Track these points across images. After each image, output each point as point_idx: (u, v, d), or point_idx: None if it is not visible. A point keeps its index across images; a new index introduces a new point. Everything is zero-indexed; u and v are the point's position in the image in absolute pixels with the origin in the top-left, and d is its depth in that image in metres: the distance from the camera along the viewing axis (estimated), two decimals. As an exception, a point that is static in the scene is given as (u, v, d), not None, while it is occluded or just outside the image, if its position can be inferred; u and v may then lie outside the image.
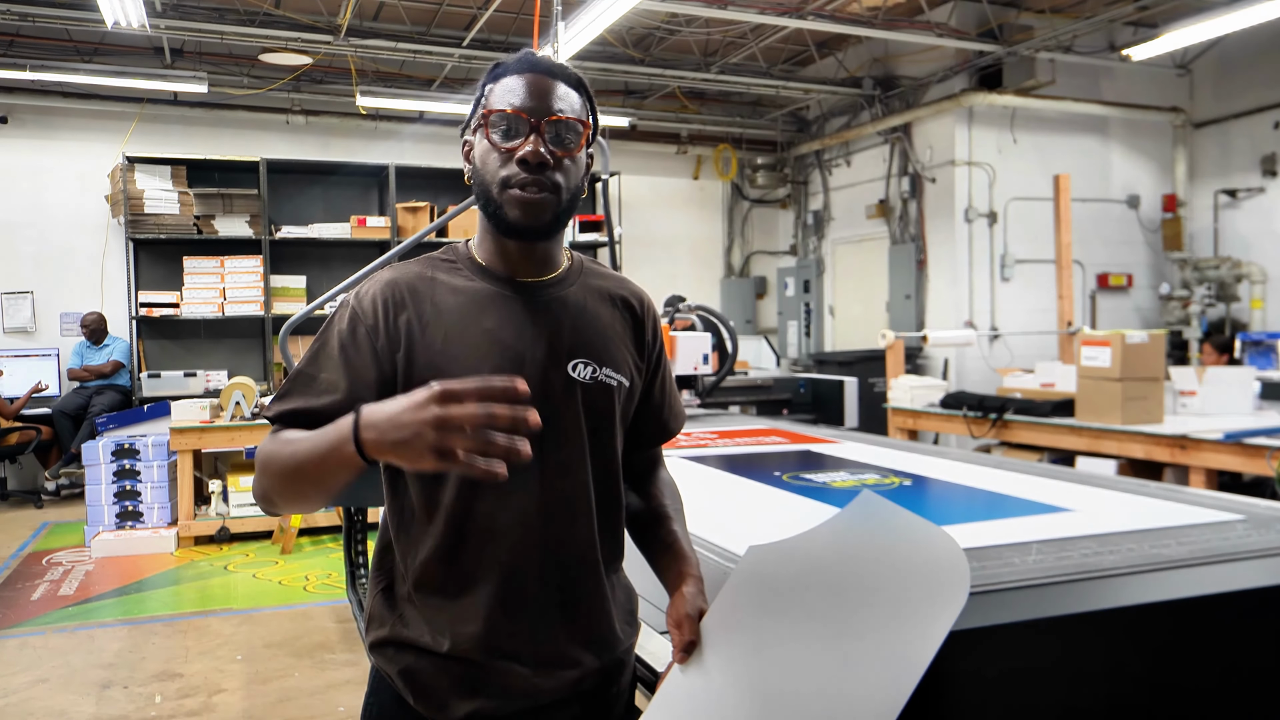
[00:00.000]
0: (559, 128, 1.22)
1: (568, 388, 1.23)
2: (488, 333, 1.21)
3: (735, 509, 2.08)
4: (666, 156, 10.06)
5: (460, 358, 1.19)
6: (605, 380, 1.26)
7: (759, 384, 4.65)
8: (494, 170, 1.21)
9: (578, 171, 1.25)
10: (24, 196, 7.94)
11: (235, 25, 7.00)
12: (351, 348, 1.20)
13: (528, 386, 1.13)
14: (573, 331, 1.26)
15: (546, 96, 1.22)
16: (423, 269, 1.26)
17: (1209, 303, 7.78)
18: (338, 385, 1.18)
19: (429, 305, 1.22)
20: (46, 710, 3.42)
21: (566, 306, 1.27)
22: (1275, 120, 7.66)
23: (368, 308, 1.21)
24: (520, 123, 1.20)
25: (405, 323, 1.20)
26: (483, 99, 1.26)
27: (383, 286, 1.23)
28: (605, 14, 5.67)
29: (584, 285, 1.31)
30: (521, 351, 1.21)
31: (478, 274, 1.26)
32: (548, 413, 1.19)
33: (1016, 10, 7.53)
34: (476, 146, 1.25)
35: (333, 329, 1.23)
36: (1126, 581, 1.41)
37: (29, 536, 6.26)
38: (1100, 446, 4.53)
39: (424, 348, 1.19)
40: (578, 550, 1.24)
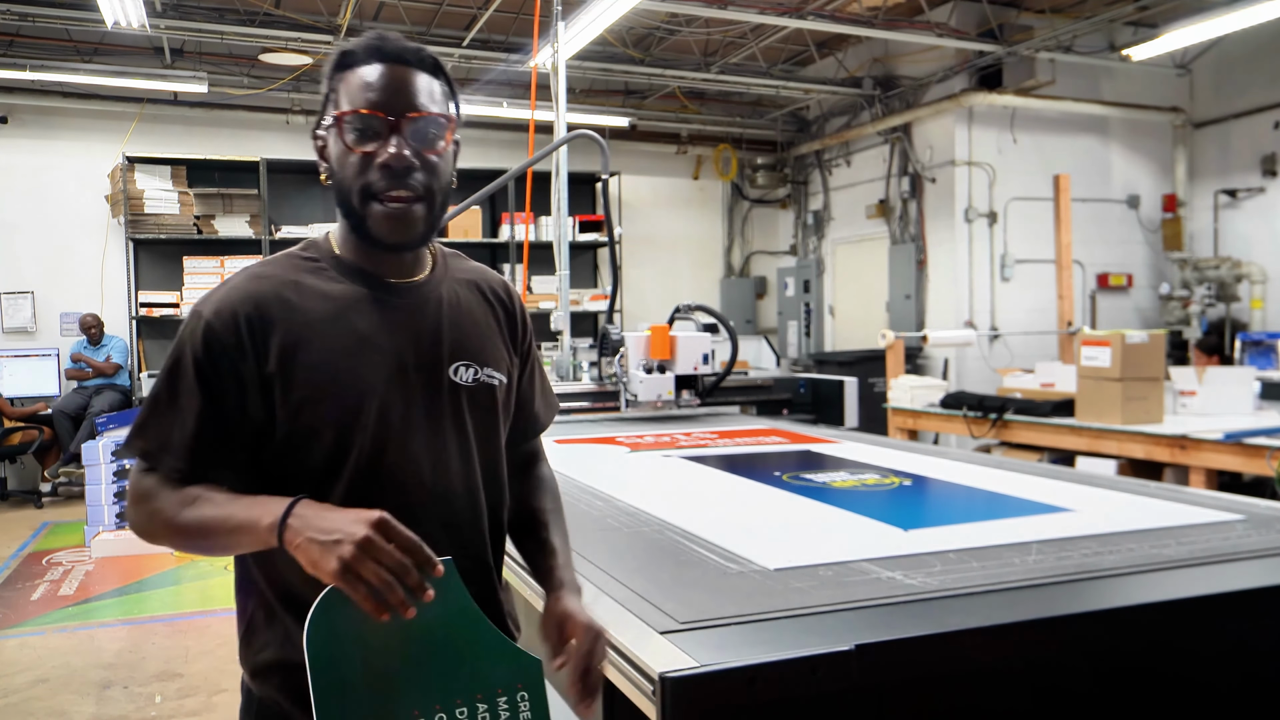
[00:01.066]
0: (420, 125, 1.12)
1: (452, 392, 1.20)
2: (365, 340, 1.15)
3: (735, 509, 2.08)
4: (666, 156, 10.06)
5: (340, 369, 1.13)
6: (487, 380, 1.23)
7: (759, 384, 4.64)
8: (352, 177, 1.13)
9: (445, 168, 1.17)
10: (24, 196, 7.94)
11: (235, 25, 7.00)
12: (209, 368, 1.11)
13: (413, 396, 1.17)
14: (451, 333, 1.21)
15: (404, 90, 1.12)
16: (284, 273, 1.17)
17: (1209, 303, 7.78)
18: (197, 410, 1.10)
19: (299, 315, 1.13)
20: (46, 710, 3.42)
21: (442, 306, 1.21)
22: (1275, 120, 7.65)
23: (228, 323, 1.11)
24: (377, 123, 1.11)
25: (275, 338, 1.12)
26: (333, 95, 1.15)
27: (242, 299, 1.13)
28: (605, 14, 5.67)
29: (452, 280, 1.26)
30: (403, 358, 1.16)
31: (346, 275, 1.18)
32: (434, 418, 1.18)
33: (1016, 10, 7.53)
34: (331, 146, 1.15)
35: (185, 348, 1.13)
36: (1126, 581, 1.41)
37: (29, 536, 6.26)
38: (1100, 446, 4.53)
39: (301, 364, 1.12)
40: (471, 555, 1.21)
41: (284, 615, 1.15)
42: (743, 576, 1.49)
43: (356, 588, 0.91)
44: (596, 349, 4.09)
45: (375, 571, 0.91)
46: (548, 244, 5.68)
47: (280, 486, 1.12)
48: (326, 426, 1.13)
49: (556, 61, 4.88)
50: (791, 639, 1.17)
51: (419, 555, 0.94)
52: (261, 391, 1.12)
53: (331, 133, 1.15)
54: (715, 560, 1.59)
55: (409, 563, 0.93)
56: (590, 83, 8.82)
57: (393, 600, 0.92)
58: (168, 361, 1.14)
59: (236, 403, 1.11)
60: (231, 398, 1.11)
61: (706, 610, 1.30)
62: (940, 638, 1.20)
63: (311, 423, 1.12)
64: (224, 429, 1.11)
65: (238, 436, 1.13)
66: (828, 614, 1.28)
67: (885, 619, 1.25)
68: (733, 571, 1.52)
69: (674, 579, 1.49)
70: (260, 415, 1.12)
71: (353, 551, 0.91)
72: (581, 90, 8.91)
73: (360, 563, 0.91)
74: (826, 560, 1.55)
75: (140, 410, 1.14)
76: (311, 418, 1.12)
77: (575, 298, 8.66)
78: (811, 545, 1.68)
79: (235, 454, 1.14)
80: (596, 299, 9.08)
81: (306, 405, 1.12)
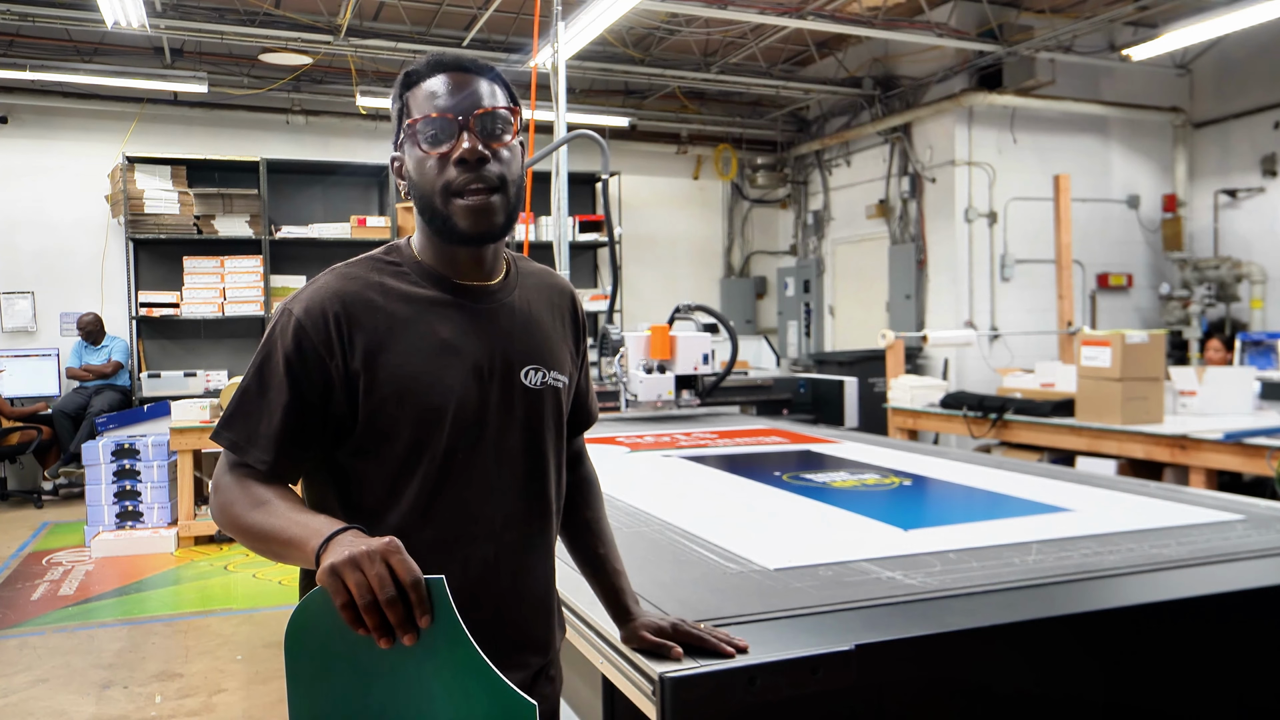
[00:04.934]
0: (486, 120, 1.19)
1: (522, 396, 1.25)
2: (445, 344, 1.20)
3: (735, 509, 2.08)
4: (666, 156, 10.06)
5: (421, 371, 1.18)
6: (553, 383, 1.29)
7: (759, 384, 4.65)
8: (432, 179, 1.19)
9: (515, 160, 1.23)
10: (24, 196, 7.93)
11: (235, 25, 7.00)
12: (298, 364, 1.16)
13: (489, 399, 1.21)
14: (523, 339, 1.26)
15: (468, 92, 1.20)
16: (367, 274, 1.22)
17: (1209, 303, 7.78)
18: (284, 404, 1.15)
19: (383, 316, 1.19)
20: (46, 710, 3.42)
21: (515, 313, 1.27)
22: (1275, 120, 7.65)
23: (317, 322, 1.17)
24: (447, 124, 1.18)
25: (361, 337, 1.17)
26: (404, 111, 1.23)
27: (330, 298, 1.19)
28: (605, 14, 5.67)
29: (524, 286, 1.31)
30: (480, 363, 1.21)
31: (426, 279, 1.24)
32: (506, 420, 1.23)
33: (1016, 10, 7.53)
34: (409, 159, 1.22)
35: (276, 343, 1.18)
36: (1126, 581, 1.41)
37: (29, 536, 6.26)
38: (1100, 446, 4.53)
39: (384, 364, 1.17)
40: (537, 556, 1.27)
41: None
42: (743, 576, 1.49)
43: (338, 593, 0.92)
44: (596, 349, 4.09)
45: (358, 581, 0.91)
46: (548, 244, 5.68)
47: (357, 481, 1.19)
48: (405, 426, 1.17)
49: (556, 61, 4.88)
50: (791, 639, 1.17)
51: (412, 591, 0.92)
52: (346, 389, 1.16)
53: (406, 145, 1.21)
54: (715, 560, 1.59)
55: (393, 589, 0.91)
56: (590, 83, 8.82)
57: (367, 619, 0.91)
58: (258, 356, 1.18)
59: (322, 399, 1.16)
60: (318, 394, 1.16)
61: (706, 610, 1.30)
62: (940, 638, 1.20)
63: (391, 421, 1.17)
64: (309, 424, 1.16)
65: (322, 432, 1.17)
66: (828, 614, 1.28)
67: (885, 619, 1.26)
68: (733, 571, 1.52)
69: (674, 579, 1.49)
70: (343, 411, 1.17)
71: (345, 559, 0.92)
72: (581, 90, 8.92)
73: (347, 568, 0.92)
74: (826, 560, 1.55)
75: (230, 402, 1.18)
76: (392, 416, 1.17)
77: (575, 298, 8.64)
78: (811, 545, 1.68)
79: (318, 449, 1.19)
80: (596, 299, 9.08)
81: (388, 404, 1.16)
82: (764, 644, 1.15)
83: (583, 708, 1.64)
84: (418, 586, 0.92)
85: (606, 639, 1.28)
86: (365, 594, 0.91)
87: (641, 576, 1.44)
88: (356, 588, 0.91)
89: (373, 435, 1.18)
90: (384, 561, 0.92)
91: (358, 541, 0.95)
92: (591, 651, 1.33)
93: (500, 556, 1.22)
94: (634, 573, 1.38)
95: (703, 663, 1.10)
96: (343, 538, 0.98)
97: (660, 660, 1.17)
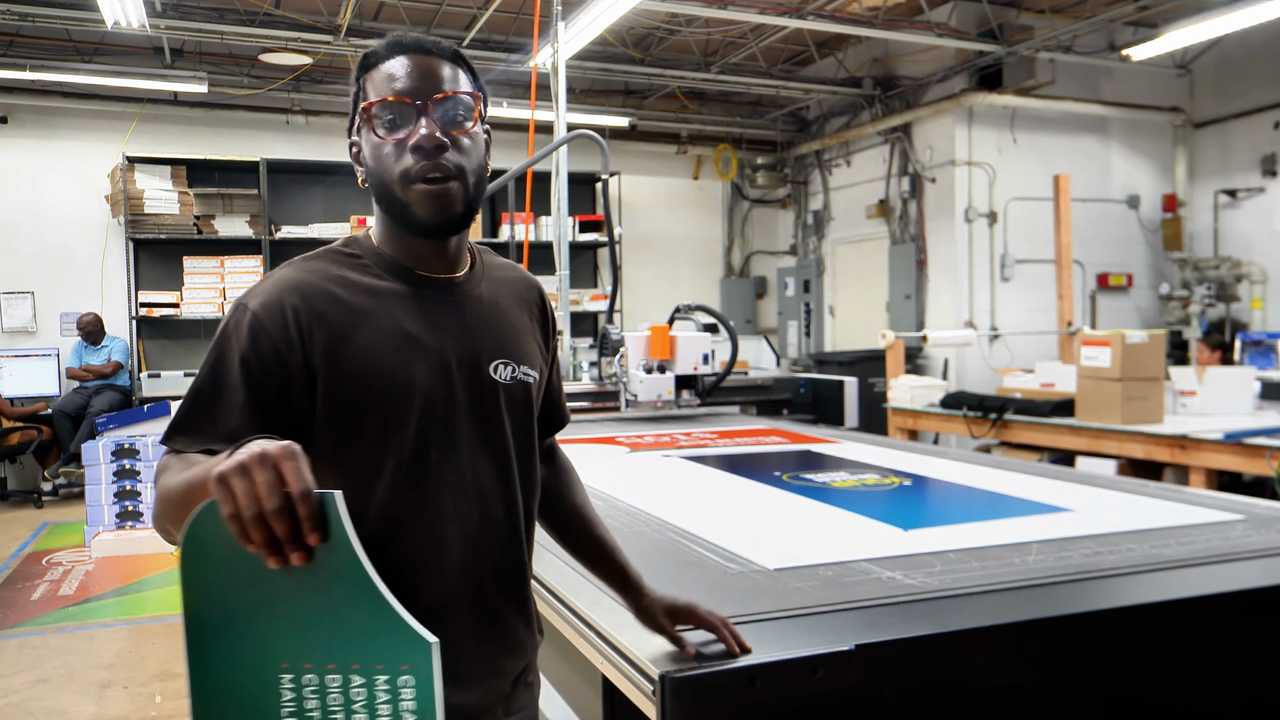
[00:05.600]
0: (447, 105, 1.14)
1: (491, 390, 1.21)
2: (410, 337, 1.15)
3: (735, 509, 2.08)
4: (666, 156, 10.06)
5: (385, 366, 1.13)
6: (523, 378, 1.24)
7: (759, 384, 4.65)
8: (389, 166, 1.13)
9: (477, 150, 1.17)
10: (24, 196, 7.94)
11: (235, 25, 7.00)
12: (255, 361, 1.09)
13: (455, 394, 1.16)
14: (491, 332, 1.22)
15: (427, 75, 1.14)
16: (326, 267, 1.17)
17: (1209, 303, 7.78)
18: (241, 404, 1.08)
19: (344, 309, 1.13)
20: (46, 710, 3.42)
21: (483, 305, 1.23)
22: (1275, 120, 7.65)
23: (275, 316, 1.10)
24: (405, 109, 1.13)
25: (321, 331, 1.11)
26: (361, 94, 1.17)
27: (288, 290, 1.13)
28: (605, 14, 5.67)
29: (490, 279, 1.27)
30: (447, 356, 1.17)
31: (388, 271, 1.19)
32: (475, 415, 1.19)
33: (1016, 10, 7.53)
34: (365, 145, 1.17)
35: (230, 340, 1.11)
36: (1126, 581, 1.41)
37: (29, 536, 6.26)
38: (1100, 446, 4.53)
39: (346, 357, 1.11)
40: (511, 556, 1.23)
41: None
42: (743, 576, 1.49)
43: (226, 501, 0.82)
44: (596, 349, 4.09)
45: (245, 489, 0.81)
46: (548, 244, 5.68)
47: (323, 485, 1.12)
48: (370, 423, 1.13)
49: (556, 61, 4.88)
50: (791, 639, 1.17)
51: (301, 503, 0.83)
52: (306, 385, 1.11)
53: (363, 131, 1.17)
54: (715, 560, 1.59)
55: (278, 500, 0.82)
56: (590, 83, 8.82)
57: (251, 533, 0.82)
58: (211, 354, 1.12)
59: (281, 397, 1.10)
60: (276, 392, 1.10)
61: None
62: (940, 638, 1.20)
63: (354, 419, 1.12)
64: (267, 425, 1.09)
65: (282, 433, 1.09)
66: (828, 614, 1.28)
67: (885, 619, 1.26)
68: (733, 571, 1.52)
69: (674, 579, 1.49)
70: (304, 409, 1.11)
71: (234, 463, 0.82)
72: (581, 90, 8.91)
73: (235, 474, 0.82)
74: (826, 560, 1.55)
75: (182, 404, 1.11)
76: (355, 413, 1.12)
77: (575, 298, 8.66)
78: (811, 545, 1.68)
79: None
80: (596, 299, 9.08)
81: (350, 400, 1.12)
82: (764, 644, 1.15)
83: (583, 708, 1.64)
84: (307, 498, 0.83)
85: (606, 639, 1.28)
86: (251, 504, 0.81)
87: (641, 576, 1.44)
88: (243, 496, 0.81)
89: (336, 434, 1.12)
90: (274, 468, 0.82)
91: (259, 443, 0.85)
92: (591, 651, 1.33)
93: (475, 559, 1.18)
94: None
95: (703, 663, 1.10)
96: (246, 445, 0.87)
97: (673, 646, 1.17)
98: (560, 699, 1.71)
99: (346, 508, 0.86)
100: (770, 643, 1.16)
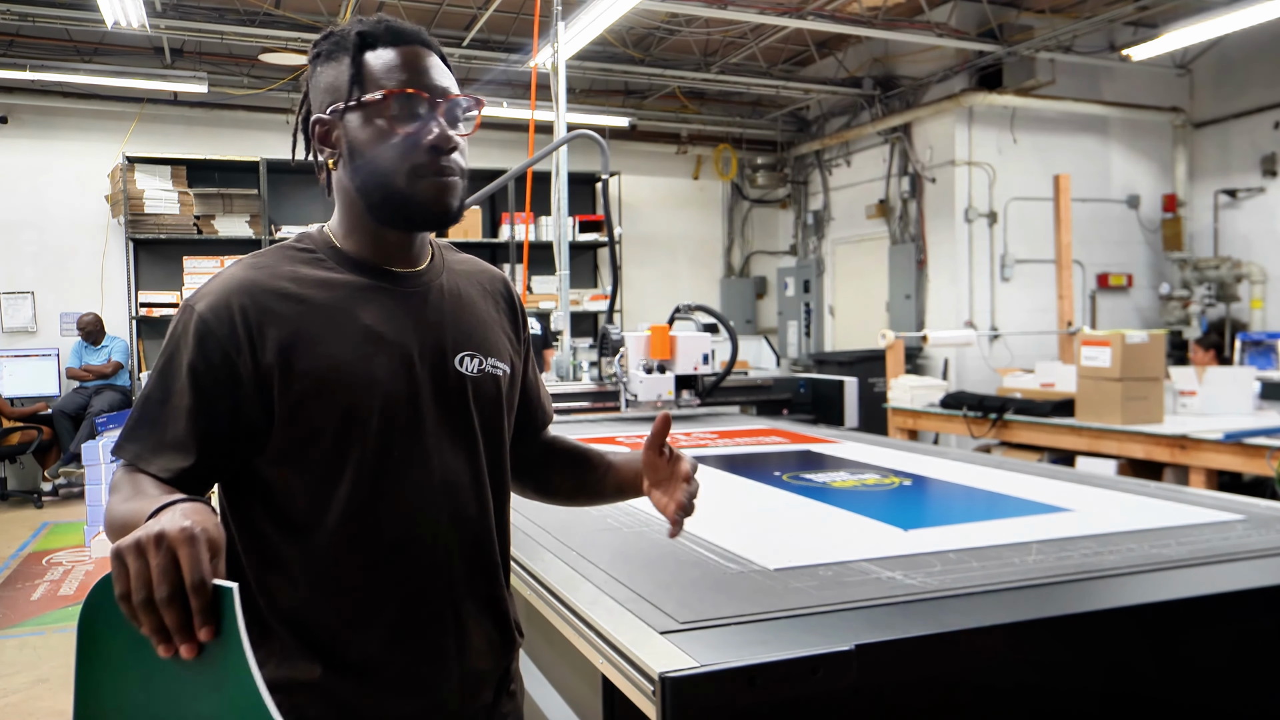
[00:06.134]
0: (456, 106, 1.14)
1: (458, 384, 1.17)
2: (369, 331, 1.11)
3: (735, 509, 2.08)
4: (666, 156, 10.06)
5: (343, 363, 1.09)
6: (492, 371, 1.21)
7: (759, 384, 4.64)
8: (394, 159, 1.10)
9: (466, 153, 1.18)
10: (24, 196, 7.94)
11: (235, 25, 7.00)
12: (202, 366, 1.05)
13: (419, 388, 1.13)
14: (455, 323, 1.19)
15: (441, 74, 1.13)
16: (278, 263, 1.13)
17: (1209, 303, 7.78)
18: (188, 410, 1.05)
19: (298, 305, 1.09)
20: (46, 710, 3.42)
21: (445, 296, 1.19)
22: (1275, 120, 7.65)
23: (221, 316, 1.06)
24: (421, 104, 1.10)
25: (273, 329, 1.07)
26: (359, 77, 1.11)
27: (236, 289, 1.08)
28: (605, 14, 5.67)
29: (451, 271, 1.24)
30: (409, 351, 1.13)
31: (345, 265, 1.15)
32: (441, 411, 1.15)
33: (1016, 10, 7.53)
34: (355, 130, 1.11)
35: (178, 344, 1.07)
36: (1126, 581, 1.41)
37: (29, 536, 6.26)
38: (1100, 446, 4.53)
39: (301, 355, 1.07)
40: (483, 555, 1.19)
41: (280, 630, 1.10)
42: (743, 576, 1.49)
43: (118, 579, 0.78)
44: (596, 349, 4.09)
45: (138, 571, 0.78)
46: (548, 244, 5.68)
47: (284, 491, 1.10)
48: (328, 424, 1.08)
49: (556, 61, 4.88)
50: (791, 639, 1.17)
51: (193, 594, 0.78)
52: (258, 387, 1.07)
53: (356, 115, 1.11)
54: (715, 560, 1.59)
55: (169, 588, 0.77)
56: (590, 83, 8.82)
57: (141, 619, 0.78)
58: (159, 359, 1.09)
59: (232, 401, 1.06)
60: (226, 396, 1.06)
61: (706, 610, 1.30)
62: (940, 638, 1.20)
63: (312, 419, 1.08)
64: (218, 430, 1.06)
65: (233, 439, 1.08)
66: (828, 614, 1.28)
67: (885, 619, 1.25)
68: (733, 571, 1.52)
69: (674, 579, 1.49)
70: (257, 412, 1.07)
71: (131, 541, 0.79)
72: (581, 90, 8.91)
73: (130, 552, 0.78)
74: (826, 560, 1.55)
75: (131, 413, 1.08)
76: (312, 414, 1.08)
77: (575, 298, 8.66)
78: (811, 545, 1.68)
79: (232, 457, 1.09)
80: (596, 299, 9.08)
81: (307, 400, 1.07)
82: (764, 644, 1.15)
83: (583, 708, 1.63)
84: (201, 590, 0.78)
85: (606, 639, 1.28)
86: (141, 588, 0.77)
87: (642, 576, 1.44)
88: (135, 578, 0.78)
89: (293, 437, 1.08)
90: (170, 552, 0.78)
91: (163, 521, 0.81)
92: (591, 652, 1.33)
93: (446, 565, 1.14)
94: (634, 573, 1.38)
95: (703, 662, 1.10)
96: (163, 513, 0.84)
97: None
98: (560, 699, 1.71)
99: (241, 603, 0.81)
100: (770, 643, 1.16)
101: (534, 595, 1.55)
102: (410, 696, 1.13)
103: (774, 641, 1.16)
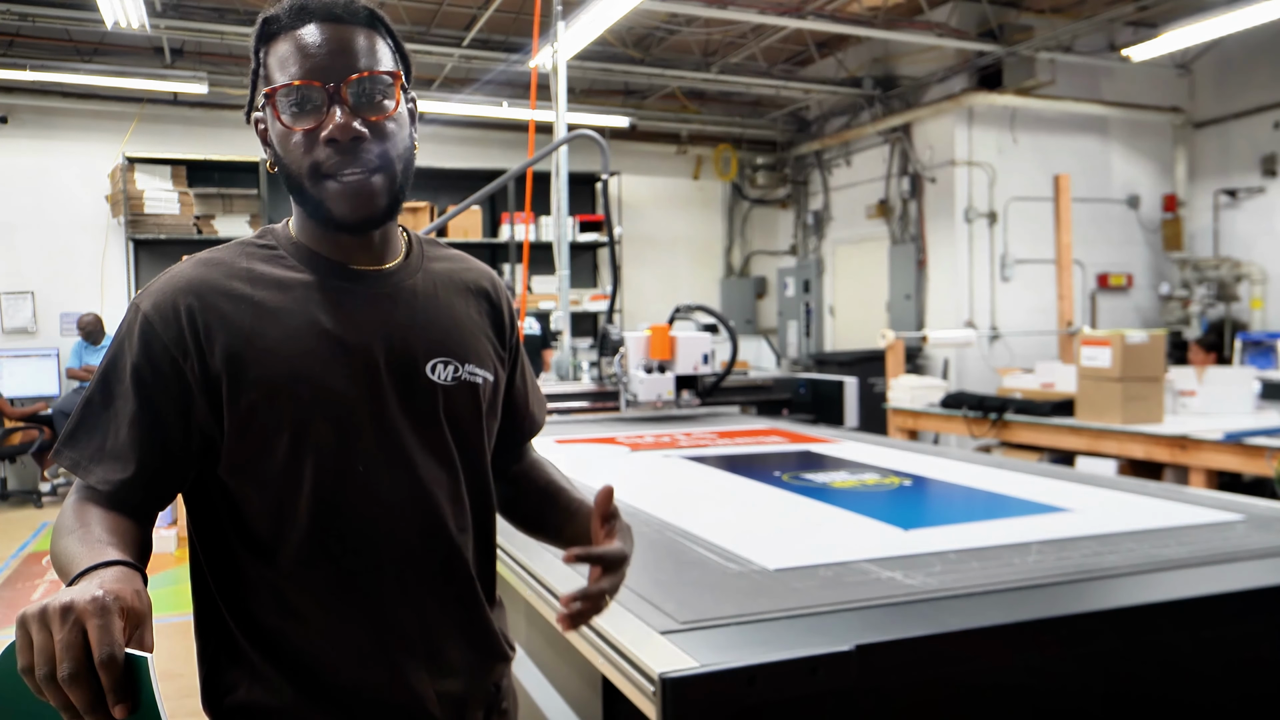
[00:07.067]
0: (364, 86, 1.00)
1: (427, 394, 1.07)
2: (328, 335, 1.02)
3: (735, 509, 2.08)
4: (666, 156, 10.06)
5: (299, 368, 1.00)
6: (468, 379, 1.10)
7: (759, 384, 4.64)
8: (298, 158, 1.00)
9: (401, 132, 1.04)
10: (24, 196, 7.94)
11: (235, 25, 7.00)
12: (146, 369, 0.98)
13: (384, 398, 1.02)
14: (427, 327, 1.08)
15: (339, 52, 0.99)
16: (233, 260, 1.04)
17: (1209, 303, 7.78)
18: (131, 416, 0.98)
19: (250, 306, 1.01)
20: (46, 710, 3.42)
21: (416, 297, 1.09)
22: (1275, 120, 7.65)
23: (167, 317, 0.99)
24: (314, 94, 0.98)
25: (222, 332, 0.99)
26: (261, 71, 1.03)
27: (183, 289, 1.01)
28: (605, 14, 5.67)
29: (429, 270, 1.13)
30: (373, 356, 1.03)
31: (306, 262, 1.05)
32: (410, 422, 1.06)
33: (1016, 10, 7.53)
34: (270, 131, 1.03)
35: (122, 346, 1.01)
36: (1126, 581, 1.41)
37: (29, 536, 6.26)
38: (1100, 446, 4.53)
39: (252, 361, 0.99)
40: (457, 574, 1.10)
41: (251, 653, 1.05)
42: (743, 576, 1.49)
43: (21, 652, 0.74)
44: (596, 349, 4.09)
45: (42, 646, 0.73)
46: (548, 244, 5.68)
47: (245, 504, 1.03)
48: (282, 434, 1.00)
49: (556, 61, 4.88)
50: (791, 639, 1.17)
51: (103, 670, 0.73)
52: (207, 394, 0.99)
53: (267, 114, 1.02)
54: (715, 560, 1.59)
55: (73, 666, 0.72)
56: (590, 83, 8.82)
57: (48, 695, 0.73)
58: (103, 360, 1.02)
59: (178, 408, 0.99)
60: (172, 403, 0.99)
61: (706, 610, 1.30)
62: (940, 638, 1.20)
63: (264, 429, 1.00)
64: (163, 439, 0.99)
65: (183, 448, 1.01)
66: (828, 614, 1.28)
67: (885, 619, 1.25)
68: (733, 571, 1.52)
69: (674, 579, 1.49)
70: (206, 422, 1.00)
71: (36, 610, 0.74)
72: (581, 90, 8.91)
73: (35, 623, 0.73)
74: (826, 560, 1.55)
75: (71, 417, 1.01)
76: (264, 423, 1.00)
77: (575, 298, 8.66)
78: (811, 545, 1.68)
79: (183, 467, 1.02)
80: (596, 299, 9.08)
81: (259, 408, 0.99)
82: (764, 644, 1.15)
83: (583, 708, 1.64)
84: (111, 666, 0.73)
85: (606, 639, 1.28)
86: (44, 663, 0.72)
87: (642, 576, 1.44)
88: (39, 653, 0.72)
89: (246, 448, 1.00)
90: (79, 625, 0.73)
91: (74, 591, 0.75)
92: (591, 652, 1.33)
93: (418, 588, 1.06)
94: (634, 573, 1.37)
95: (703, 662, 1.10)
96: (81, 580, 0.79)
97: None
98: (560, 699, 1.71)
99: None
100: (770, 643, 1.16)
101: (534, 595, 1.55)
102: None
103: (774, 642, 1.16)
